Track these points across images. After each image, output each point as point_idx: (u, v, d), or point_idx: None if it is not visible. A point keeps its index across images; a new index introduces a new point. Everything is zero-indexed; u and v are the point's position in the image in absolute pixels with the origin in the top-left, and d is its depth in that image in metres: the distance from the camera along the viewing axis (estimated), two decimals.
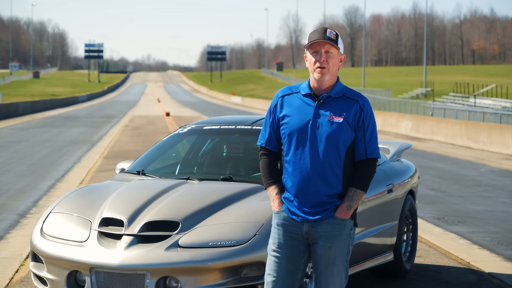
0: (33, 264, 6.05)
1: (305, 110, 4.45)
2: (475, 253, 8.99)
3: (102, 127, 35.98)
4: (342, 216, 4.42)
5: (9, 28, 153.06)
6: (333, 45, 4.43)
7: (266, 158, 4.56)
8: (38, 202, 12.46)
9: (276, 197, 4.50)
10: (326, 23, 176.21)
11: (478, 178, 17.01)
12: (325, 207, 4.41)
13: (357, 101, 4.49)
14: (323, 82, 4.46)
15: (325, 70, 4.44)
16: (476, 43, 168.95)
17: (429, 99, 65.15)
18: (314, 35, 4.46)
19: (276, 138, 4.54)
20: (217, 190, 6.18)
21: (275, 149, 4.56)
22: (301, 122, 4.43)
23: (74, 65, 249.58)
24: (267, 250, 4.53)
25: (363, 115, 4.48)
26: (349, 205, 4.42)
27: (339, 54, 4.49)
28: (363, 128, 4.48)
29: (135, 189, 6.29)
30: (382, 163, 7.47)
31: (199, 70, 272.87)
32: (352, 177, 4.47)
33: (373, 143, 4.51)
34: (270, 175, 4.54)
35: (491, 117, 33.17)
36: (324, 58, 4.43)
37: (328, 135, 4.39)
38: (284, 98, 4.54)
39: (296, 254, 4.47)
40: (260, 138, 4.60)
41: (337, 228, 4.43)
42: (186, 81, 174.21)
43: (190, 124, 7.61)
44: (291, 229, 4.45)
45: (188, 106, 71.51)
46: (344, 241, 4.45)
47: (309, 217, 4.41)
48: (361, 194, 4.45)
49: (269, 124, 4.56)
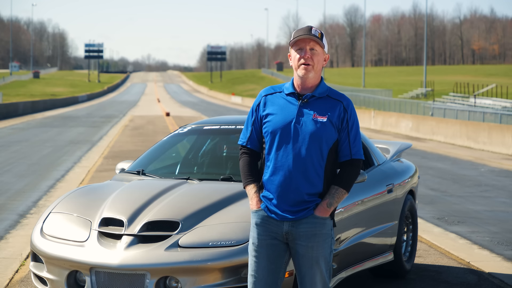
0: (33, 264, 6.05)
1: (289, 108, 4.44)
2: (475, 253, 8.99)
3: (102, 127, 35.98)
4: (322, 215, 4.40)
5: (9, 28, 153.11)
6: (318, 42, 4.42)
7: (247, 157, 4.55)
8: (38, 202, 12.46)
9: (254, 195, 4.48)
10: (326, 23, 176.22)
11: (478, 178, 17.01)
12: (305, 206, 4.39)
13: (341, 102, 4.47)
14: (307, 80, 4.45)
15: (310, 67, 4.43)
16: (476, 43, 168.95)
17: (429, 99, 65.17)
18: (299, 32, 4.45)
19: (257, 138, 4.53)
20: (217, 190, 6.18)
21: (256, 149, 4.55)
22: (284, 120, 4.42)
23: (74, 65, 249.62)
24: (248, 250, 4.53)
25: (347, 116, 4.46)
26: (330, 203, 4.40)
27: (324, 53, 4.49)
28: (347, 129, 4.46)
29: (135, 189, 6.29)
30: (382, 163, 7.47)
31: (199, 70, 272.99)
32: (336, 176, 4.46)
33: (357, 144, 4.48)
34: (249, 173, 4.52)
35: (491, 117, 33.18)
36: (309, 55, 4.42)
37: (312, 134, 4.38)
38: (267, 97, 4.53)
39: (277, 253, 4.45)
40: (241, 137, 4.59)
41: (318, 227, 4.40)
42: (186, 81, 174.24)
43: (190, 124, 7.61)
44: (270, 228, 4.43)
45: (188, 106, 71.51)
46: (325, 240, 4.43)
47: (289, 215, 4.39)
48: (343, 193, 4.43)
49: (251, 123, 4.55)
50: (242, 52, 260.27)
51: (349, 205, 6.39)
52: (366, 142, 7.36)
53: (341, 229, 6.17)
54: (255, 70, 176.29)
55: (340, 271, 6.33)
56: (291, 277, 5.41)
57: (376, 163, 7.36)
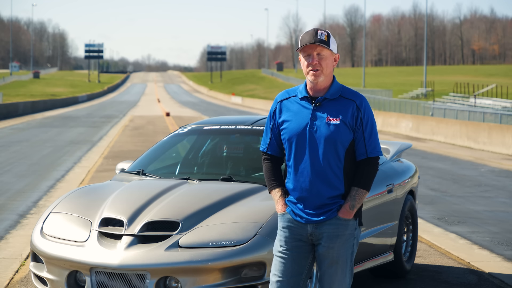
0: (33, 264, 6.05)
1: (303, 113, 4.46)
2: (475, 253, 8.99)
3: (102, 127, 35.98)
4: (345, 216, 4.43)
5: (9, 28, 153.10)
6: (324, 47, 4.42)
7: (269, 162, 4.59)
8: (38, 202, 12.46)
9: (280, 199, 4.52)
10: (326, 23, 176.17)
11: (478, 178, 17.01)
12: (328, 208, 4.43)
13: (354, 101, 4.48)
14: (318, 84, 4.46)
15: (319, 72, 4.43)
16: (476, 43, 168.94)
17: (429, 99, 65.16)
18: (305, 38, 4.44)
19: (277, 143, 4.56)
20: (217, 190, 6.18)
21: (277, 154, 4.58)
22: (299, 126, 4.44)
23: (74, 65, 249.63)
24: (273, 251, 4.55)
25: (360, 114, 4.46)
26: (352, 205, 4.43)
27: (332, 54, 4.48)
28: (362, 128, 4.47)
29: (135, 189, 6.29)
30: (382, 163, 7.47)
31: (199, 70, 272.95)
32: (354, 176, 4.48)
33: (373, 141, 4.49)
34: (273, 178, 4.56)
35: (491, 117, 33.17)
36: (317, 60, 4.42)
37: (326, 137, 4.39)
38: (282, 103, 4.55)
39: (302, 254, 4.49)
40: (262, 143, 4.63)
41: (340, 229, 4.44)
42: (186, 81, 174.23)
43: (190, 124, 7.61)
44: (296, 230, 4.47)
45: (188, 106, 71.51)
46: (347, 241, 4.46)
47: (313, 218, 4.43)
48: (364, 193, 4.46)
49: (269, 130, 4.58)
50: (242, 52, 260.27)
51: None
52: None
53: None
54: (255, 70, 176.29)
55: None
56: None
57: None
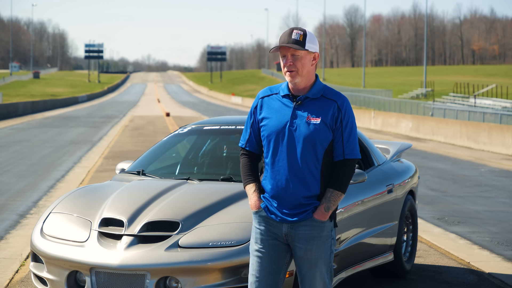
0: (33, 264, 6.05)
1: (283, 111, 4.42)
2: (475, 253, 8.99)
3: (102, 127, 35.98)
4: (320, 218, 4.37)
5: (9, 28, 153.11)
6: (298, 48, 4.35)
7: (246, 158, 4.55)
8: (38, 202, 12.46)
9: (254, 194, 4.46)
10: (326, 23, 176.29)
11: (478, 178, 17.01)
12: (303, 209, 4.37)
13: (335, 101, 4.42)
14: (296, 84, 4.43)
15: (294, 73, 4.39)
16: (476, 43, 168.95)
17: (429, 99, 65.18)
18: (281, 38, 4.41)
19: (256, 140, 4.52)
20: (217, 190, 6.18)
21: (255, 151, 4.54)
22: (279, 124, 4.40)
23: (74, 65, 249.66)
24: (250, 250, 4.51)
25: (341, 115, 4.40)
26: (327, 207, 4.37)
27: (309, 54, 4.41)
28: (341, 129, 4.40)
29: (135, 189, 6.29)
30: (382, 163, 7.48)
31: (199, 70, 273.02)
32: (330, 178, 4.42)
33: (351, 143, 4.42)
34: (249, 173, 4.51)
35: (491, 117, 33.19)
36: (291, 61, 4.38)
37: (305, 136, 4.35)
38: (264, 99, 4.51)
39: (278, 253, 4.44)
40: (241, 139, 4.59)
41: (316, 230, 4.39)
42: (186, 81, 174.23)
43: (190, 124, 7.61)
44: (271, 229, 4.43)
45: (188, 106, 71.51)
46: (324, 242, 4.41)
47: (288, 218, 4.38)
48: (339, 195, 4.39)
49: (249, 126, 4.54)
50: (242, 52, 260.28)
51: (349, 205, 6.39)
52: (366, 142, 7.36)
53: (341, 230, 6.18)
54: (255, 70, 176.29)
55: (340, 271, 6.33)
56: (291, 277, 5.41)
57: (376, 163, 7.36)
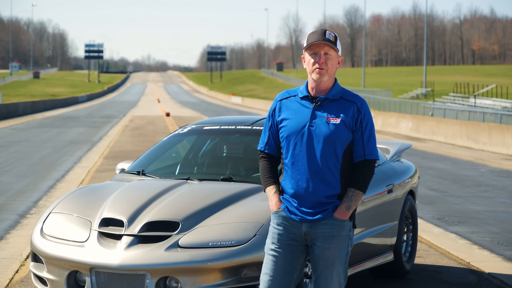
0: (33, 264, 6.05)
1: (303, 112, 4.48)
2: (475, 253, 8.99)
3: (102, 127, 35.98)
4: (341, 217, 4.43)
5: (9, 28, 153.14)
6: (332, 47, 4.45)
7: (266, 161, 4.59)
8: (38, 202, 12.46)
9: (274, 196, 4.51)
10: (326, 23, 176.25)
11: (478, 178, 17.01)
12: (324, 208, 4.42)
13: (354, 103, 4.50)
14: (321, 83, 4.48)
15: (324, 71, 4.45)
16: (476, 43, 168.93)
17: (429, 99, 65.18)
18: (313, 36, 4.46)
19: (275, 143, 4.57)
20: (217, 190, 6.18)
21: (274, 153, 4.59)
22: (298, 124, 4.45)
23: (74, 65, 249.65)
24: (265, 249, 4.54)
25: (361, 116, 4.48)
26: (348, 206, 4.43)
27: (338, 56, 4.51)
28: (361, 130, 4.48)
29: (135, 189, 6.29)
30: (382, 163, 7.47)
31: (199, 70, 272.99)
32: (351, 178, 4.48)
33: (371, 144, 4.51)
34: (269, 176, 4.56)
35: (491, 117, 33.18)
36: (323, 59, 4.45)
37: (325, 136, 4.41)
38: (282, 102, 4.56)
39: (294, 254, 4.47)
40: (260, 142, 4.64)
41: (336, 229, 4.43)
42: (186, 81, 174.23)
43: (190, 124, 7.61)
44: (290, 229, 4.46)
45: (188, 106, 71.51)
46: (343, 242, 4.45)
47: (308, 217, 4.42)
48: (360, 195, 4.46)
49: (268, 128, 4.59)
50: (242, 52, 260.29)
51: None
52: None
53: None
54: (255, 70, 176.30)
55: None
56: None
57: (376, 164, 7.36)
